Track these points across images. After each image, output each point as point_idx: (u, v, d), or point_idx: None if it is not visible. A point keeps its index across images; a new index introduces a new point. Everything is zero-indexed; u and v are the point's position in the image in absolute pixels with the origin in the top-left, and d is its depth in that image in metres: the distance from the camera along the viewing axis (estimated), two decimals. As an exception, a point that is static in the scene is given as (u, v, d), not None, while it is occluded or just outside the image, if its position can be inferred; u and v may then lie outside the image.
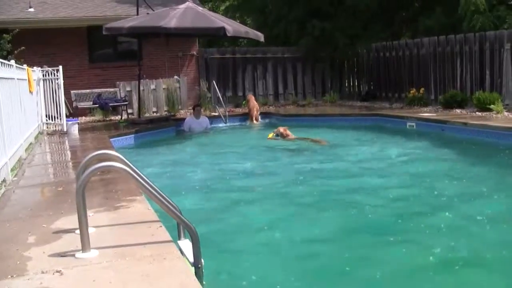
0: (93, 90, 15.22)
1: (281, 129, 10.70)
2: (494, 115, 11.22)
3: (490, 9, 13.72)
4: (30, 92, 10.64)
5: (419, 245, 4.71)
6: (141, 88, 15.08)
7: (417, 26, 16.79)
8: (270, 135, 10.91)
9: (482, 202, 5.98)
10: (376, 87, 17.70)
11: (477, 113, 11.81)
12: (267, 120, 14.92)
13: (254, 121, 14.38)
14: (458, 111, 12.62)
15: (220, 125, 14.19)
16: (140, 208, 4.62)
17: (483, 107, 11.84)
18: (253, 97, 14.69)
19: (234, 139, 12.12)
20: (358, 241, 4.92)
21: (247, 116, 14.86)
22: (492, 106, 11.56)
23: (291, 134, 10.57)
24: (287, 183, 7.35)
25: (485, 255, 4.41)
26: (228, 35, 11.82)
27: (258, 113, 14.55)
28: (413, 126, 11.75)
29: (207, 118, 13.78)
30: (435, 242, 4.72)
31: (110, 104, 14.74)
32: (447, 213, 5.54)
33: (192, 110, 13.85)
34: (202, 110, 13.90)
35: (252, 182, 7.66)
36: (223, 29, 11.58)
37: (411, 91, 14.73)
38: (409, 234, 5.01)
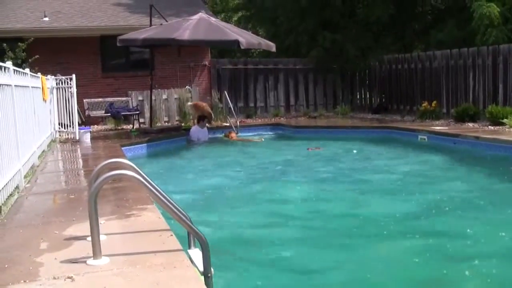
0: (106, 99, 15.36)
1: (227, 132, 13.84)
2: (507, 129, 11.13)
3: (504, 23, 13.63)
4: (44, 100, 10.75)
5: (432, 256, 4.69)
6: (153, 97, 15.17)
7: (428, 39, 16.75)
8: (223, 135, 13.75)
9: (492, 215, 5.94)
10: (387, 99, 17.65)
11: (489, 127, 11.74)
12: (279, 132, 14.99)
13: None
14: (470, 124, 12.55)
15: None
16: (151, 216, 4.65)
17: (496, 121, 11.77)
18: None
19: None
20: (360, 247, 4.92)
21: (260, 127, 15.24)
22: (505, 120, 11.49)
23: (235, 136, 13.58)
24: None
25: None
26: (242, 47, 11.87)
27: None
28: (424, 139, 11.69)
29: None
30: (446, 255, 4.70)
31: (122, 113, 14.85)
32: (454, 225, 5.52)
33: (198, 121, 13.81)
34: (205, 121, 13.89)
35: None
36: (237, 42, 11.63)
37: (423, 104, 14.65)
38: (422, 244, 4.98)
